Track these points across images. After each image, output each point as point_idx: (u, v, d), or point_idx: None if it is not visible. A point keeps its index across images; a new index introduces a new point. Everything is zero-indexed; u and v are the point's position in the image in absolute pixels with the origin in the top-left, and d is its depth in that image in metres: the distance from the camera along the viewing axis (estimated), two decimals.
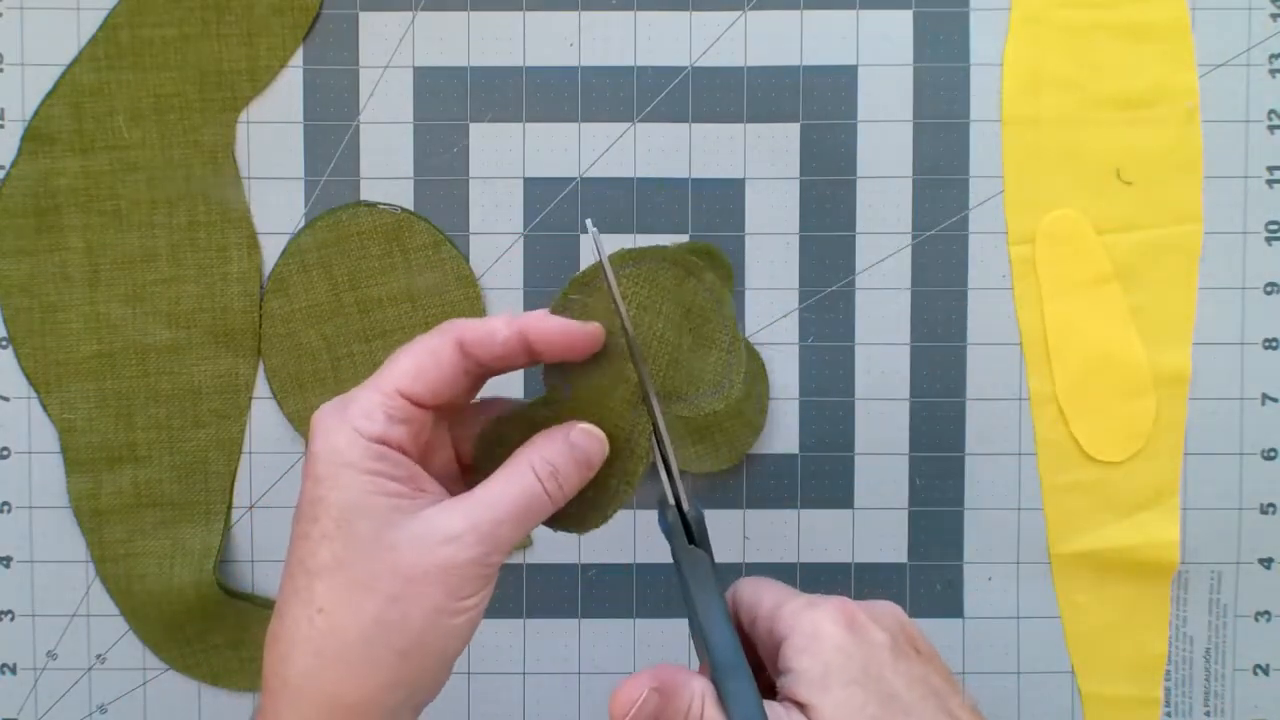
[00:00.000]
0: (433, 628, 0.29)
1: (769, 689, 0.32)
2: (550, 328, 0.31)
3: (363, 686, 0.29)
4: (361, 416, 0.30)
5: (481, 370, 0.32)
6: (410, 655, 0.29)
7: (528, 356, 0.32)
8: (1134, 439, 0.49)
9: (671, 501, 0.34)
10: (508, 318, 0.31)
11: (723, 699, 0.30)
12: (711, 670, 0.31)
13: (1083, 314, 0.49)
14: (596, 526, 0.34)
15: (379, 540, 0.29)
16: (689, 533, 0.34)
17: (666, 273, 0.34)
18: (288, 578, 0.30)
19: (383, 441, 0.30)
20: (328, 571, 0.29)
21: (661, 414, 0.33)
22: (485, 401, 0.35)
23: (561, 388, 0.33)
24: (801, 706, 0.30)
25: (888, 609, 0.33)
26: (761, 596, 0.34)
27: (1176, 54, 0.48)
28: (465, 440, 0.34)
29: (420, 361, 0.31)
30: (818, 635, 0.31)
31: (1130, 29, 0.48)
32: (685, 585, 0.33)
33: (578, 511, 0.33)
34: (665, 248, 0.34)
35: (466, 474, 0.34)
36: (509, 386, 0.49)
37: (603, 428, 0.33)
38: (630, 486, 0.34)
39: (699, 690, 0.30)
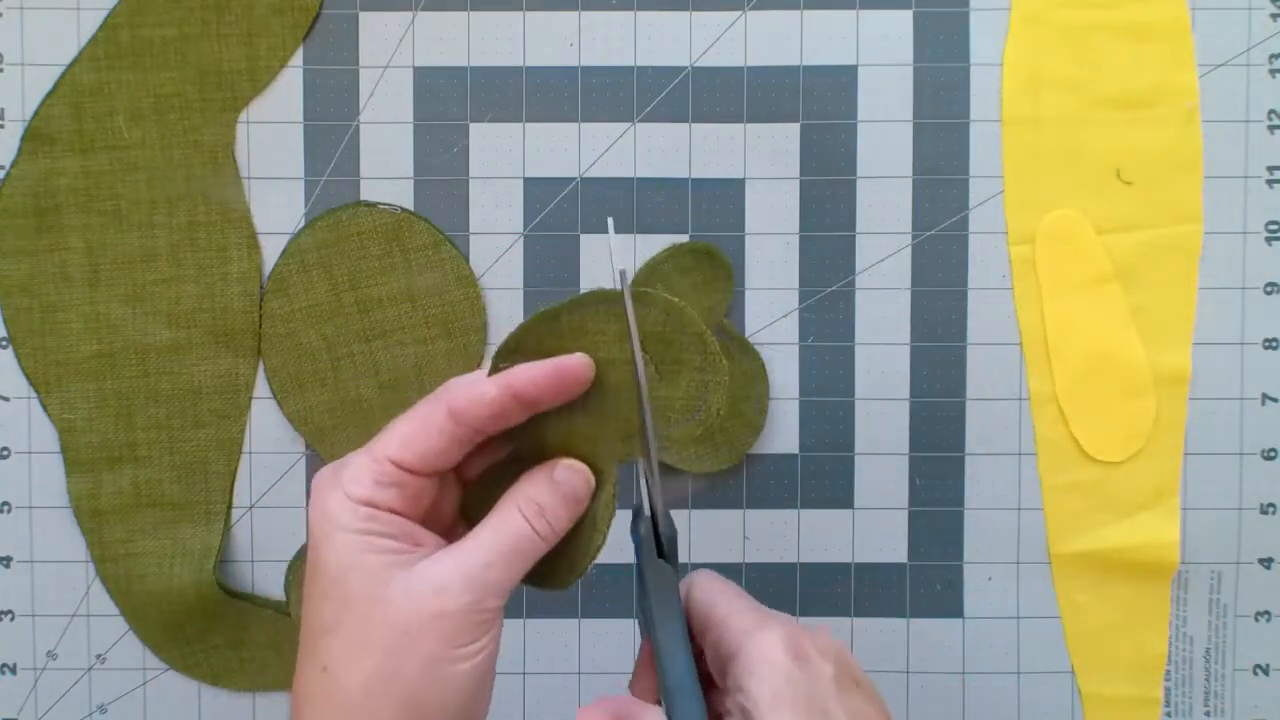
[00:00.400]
0: (431, 677, 0.30)
1: (713, 693, 0.33)
2: (539, 372, 0.32)
3: None
4: (351, 481, 0.31)
5: (476, 434, 0.32)
6: (413, 707, 0.30)
7: (521, 411, 0.32)
8: (1134, 439, 0.49)
9: (647, 513, 0.34)
10: (493, 377, 0.32)
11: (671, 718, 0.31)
12: (663, 686, 0.31)
13: (1083, 314, 0.49)
14: (573, 580, 0.34)
15: (373, 596, 0.30)
16: (659, 546, 0.34)
17: (605, 314, 0.33)
18: (301, 638, 0.31)
19: (370, 504, 0.31)
20: (328, 630, 0.30)
21: (651, 419, 0.33)
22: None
23: (525, 439, 0.34)
24: None
25: (830, 640, 0.33)
26: (716, 602, 0.34)
27: (1176, 54, 0.48)
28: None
29: (412, 431, 0.31)
30: (767, 660, 0.31)
31: (1130, 29, 0.48)
32: (646, 596, 0.33)
33: (553, 566, 0.34)
34: (604, 291, 0.33)
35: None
36: None
37: None
38: (601, 534, 0.34)
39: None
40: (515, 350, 0.33)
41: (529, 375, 0.32)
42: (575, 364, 0.32)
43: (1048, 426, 0.49)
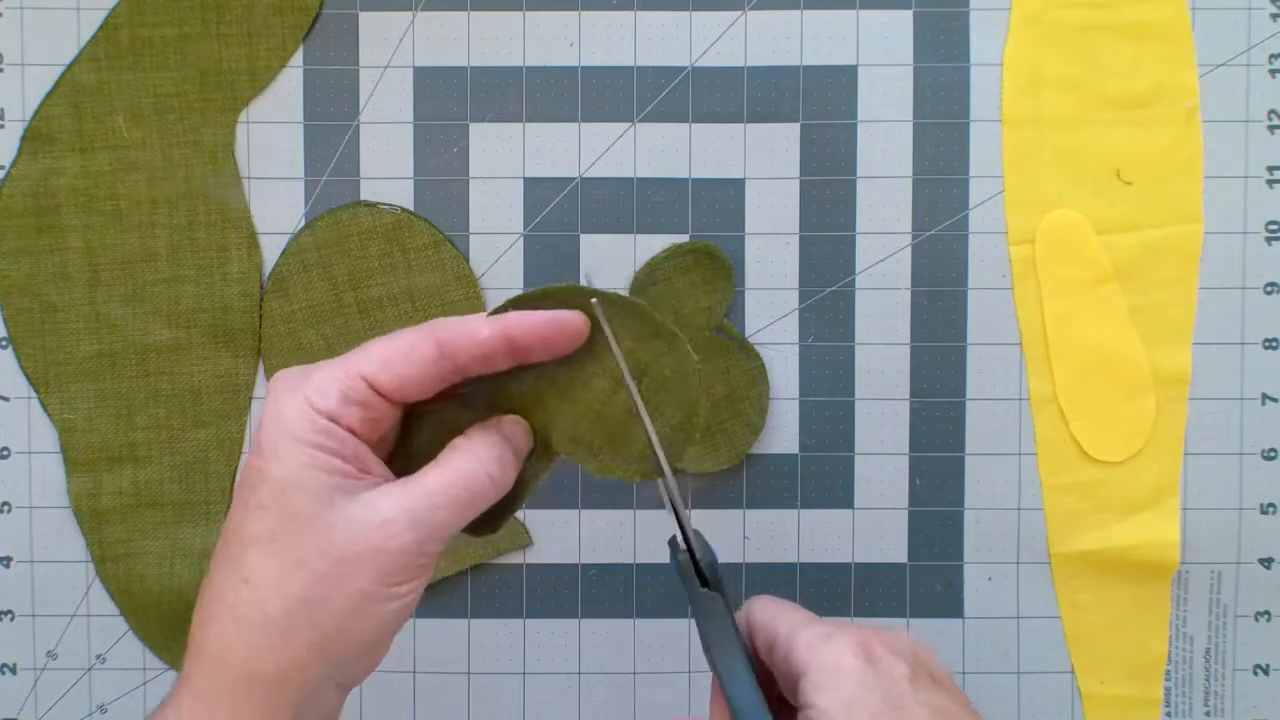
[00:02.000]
0: (359, 611, 0.29)
1: (791, 717, 0.32)
2: (536, 320, 0.31)
3: (279, 661, 0.28)
4: (317, 391, 0.29)
5: (458, 372, 0.31)
6: (333, 637, 0.29)
7: (509, 357, 0.31)
8: (1134, 439, 0.49)
9: (683, 546, 0.34)
10: (489, 317, 0.31)
11: None
12: (733, 716, 0.31)
13: (1083, 314, 0.49)
14: (499, 529, 0.34)
15: (314, 517, 0.28)
16: (701, 576, 0.34)
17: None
18: (221, 543, 0.30)
19: (332, 418, 0.29)
20: (259, 543, 0.29)
21: (666, 458, 0.33)
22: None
23: (477, 394, 0.33)
24: None
25: (902, 638, 0.33)
26: (778, 622, 0.33)
27: (1176, 54, 0.48)
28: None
29: (393, 352, 0.30)
30: (838, 669, 0.30)
31: (1130, 29, 0.48)
32: (703, 632, 0.33)
33: (490, 514, 0.33)
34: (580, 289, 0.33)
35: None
36: None
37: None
38: (521, 500, 0.34)
39: None
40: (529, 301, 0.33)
41: (526, 321, 0.31)
42: (573, 319, 0.31)
43: (1048, 426, 0.49)
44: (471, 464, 0.30)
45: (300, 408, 0.29)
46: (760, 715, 0.30)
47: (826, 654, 0.31)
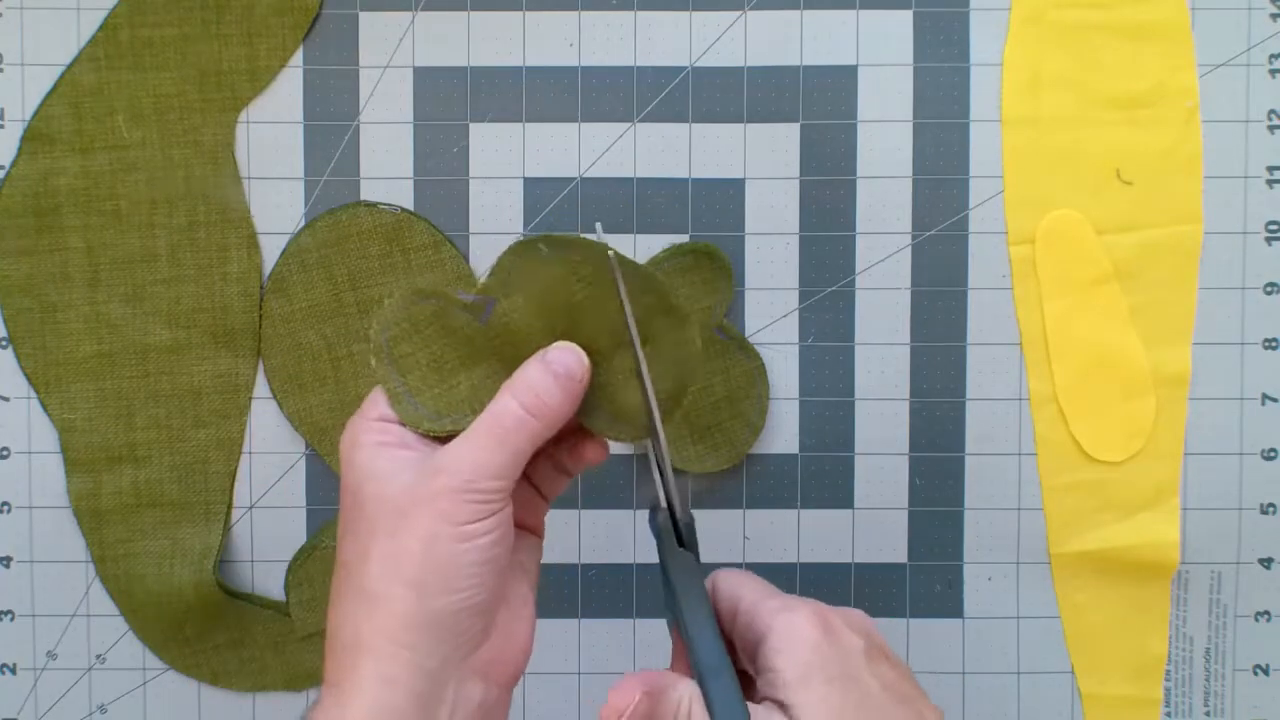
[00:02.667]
0: (432, 555, 0.30)
1: (748, 686, 0.33)
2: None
3: (383, 619, 0.30)
4: (369, 405, 0.33)
5: None
6: (417, 586, 0.30)
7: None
8: (1134, 439, 0.49)
9: (664, 505, 0.35)
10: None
11: (708, 700, 0.31)
12: (696, 671, 0.32)
13: (1083, 314, 0.49)
14: (624, 431, 0.34)
15: (380, 494, 0.31)
16: (679, 535, 0.35)
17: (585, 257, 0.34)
18: (339, 568, 0.33)
19: (384, 419, 0.33)
20: (347, 533, 0.32)
21: (660, 416, 0.33)
22: None
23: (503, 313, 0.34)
24: (782, 706, 0.31)
25: (858, 616, 0.34)
26: (741, 593, 0.34)
27: (1176, 54, 0.48)
28: None
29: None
30: (795, 636, 0.32)
31: (1130, 29, 0.48)
32: (671, 586, 0.34)
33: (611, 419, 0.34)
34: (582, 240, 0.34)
35: None
36: None
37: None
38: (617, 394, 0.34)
39: (686, 693, 0.31)
40: (505, 284, 0.34)
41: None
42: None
43: (1047, 426, 0.49)
44: (503, 400, 0.32)
45: (359, 423, 0.33)
46: (723, 665, 0.31)
47: (787, 622, 0.32)
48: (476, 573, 0.31)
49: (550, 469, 0.37)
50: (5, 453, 0.49)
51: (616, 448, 0.49)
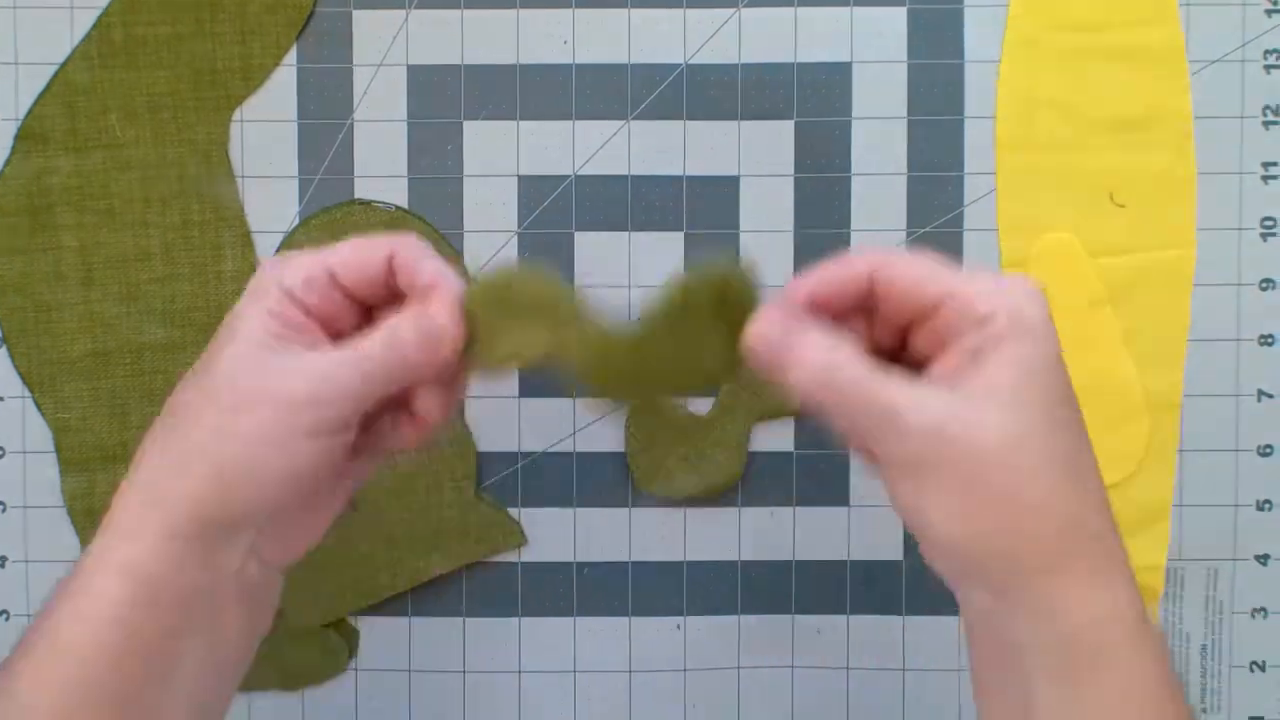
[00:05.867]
0: (253, 454, 0.30)
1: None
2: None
3: (184, 484, 0.30)
4: (290, 271, 0.32)
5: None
6: (228, 474, 0.30)
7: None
8: (1126, 462, 0.49)
9: None
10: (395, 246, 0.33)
11: None
12: None
13: (1076, 337, 0.48)
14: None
15: (240, 362, 0.31)
16: None
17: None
18: (166, 409, 0.32)
19: (290, 294, 0.32)
20: (194, 376, 0.32)
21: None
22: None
23: None
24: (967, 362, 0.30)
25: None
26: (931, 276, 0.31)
27: (1170, 78, 0.48)
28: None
29: (357, 254, 0.33)
30: (1016, 289, 0.30)
31: (1124, 52, 0.48)
32: None
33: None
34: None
35: None
36: None
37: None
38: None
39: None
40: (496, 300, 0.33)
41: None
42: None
43: None
44: (375, 335, 0.32)
45: (271, 281, 0.32)
46: None
47: (999, 280, 0.31)
48: (285, 482, 0.31)
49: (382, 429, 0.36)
50: (0, 452, 0.49)
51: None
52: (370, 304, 0.34)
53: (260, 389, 0.30)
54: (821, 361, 0.30)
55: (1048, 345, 0.30)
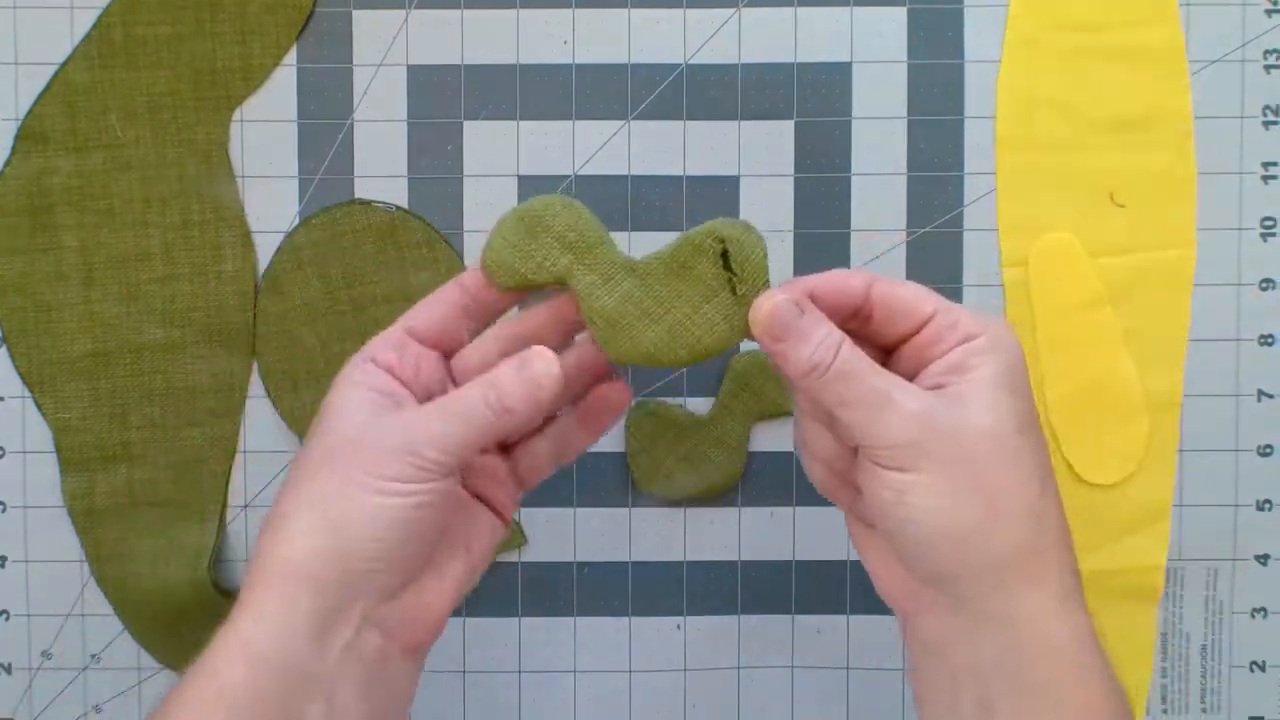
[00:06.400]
0: (358, 503, 0.31)
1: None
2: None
3: (297, 549, 0.31)
4: (368, 345, 0.35)
5: (481, 308, 0.35)
6: (338, 528, 0.31)
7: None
8: (1126, 462, 0.49)
9: None
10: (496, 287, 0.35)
11: None
12: None
13: (1076, 337, 0.48)
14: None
15: (337, 426, 0.32)
16: None
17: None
18: (285, 486, 0.33)
19: (372, 360, 0.34)
20: (300, 454, 0.33)
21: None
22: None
23: None
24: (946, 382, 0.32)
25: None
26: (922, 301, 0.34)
27: (1170, 77, 0.48)
28: (464, 376, 0.36)
29: (427, 301, 0.35)
30: (1001, 338, 0.32)
31: (1124, 52, 0.48)
32: None
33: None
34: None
35: None
36: None
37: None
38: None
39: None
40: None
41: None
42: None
43: None
44: (471, 389, 0.33)
45: (353, 360, 0.34)
46: None
47: (994, 323, 0.33)
48: (394, 529, 0.31)
49: (535, 456, 0.37)
50: (0, 452, 0.49)
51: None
52: (451, 350, 0.36)
53: (358, 444, 0.32)
54: (833, 342, 0.32)
55: (1021, 369, 0.33)
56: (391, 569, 0.32)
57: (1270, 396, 0.49)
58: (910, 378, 0.32)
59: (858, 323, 0.34)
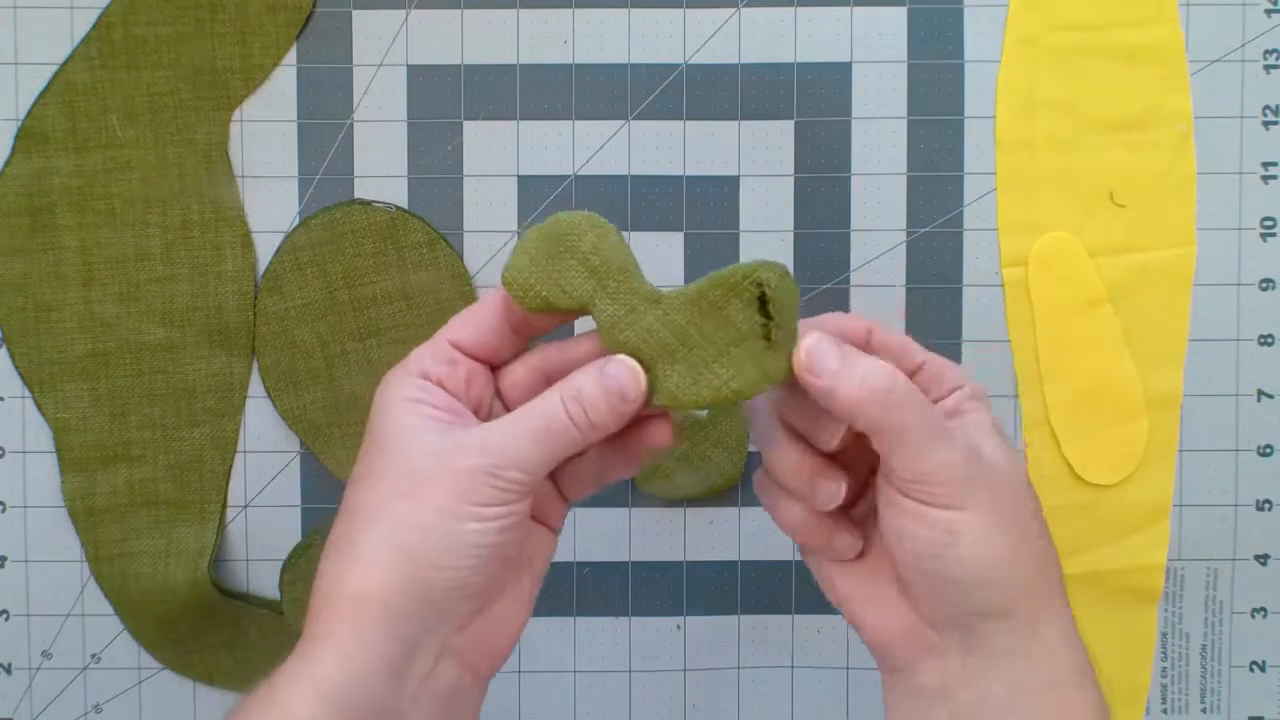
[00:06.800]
0: (441, 530, 0.30)
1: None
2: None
3: (372, 580, 0.30)
4: (413, 360, 0.33)
5: (527, 327, 0.34)
6: (419, 557, 0.30)
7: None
8: (1126, 462, 0.49)
9: None
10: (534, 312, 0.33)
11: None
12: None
13: (1076, 337, 0.48)
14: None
15: (404, 448, 0.31)
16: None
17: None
18: (342, 515, 0.32)
19: (424, 375, 0.32)
20: (361, 480, 0.32)
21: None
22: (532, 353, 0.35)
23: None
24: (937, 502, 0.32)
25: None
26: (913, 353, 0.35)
27: (1170, 77, 0.48)
28: (511, 391, 0.35)
29: (468, 312, 0.34)
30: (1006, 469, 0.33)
31: (1124, 52, 0.48)
32: None
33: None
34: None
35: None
36: None
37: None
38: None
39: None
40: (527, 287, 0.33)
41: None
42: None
43: (1039, 449, 0.49)
44: (551, 401, 0.32)
45: (399, 376, 0.33)
46: None
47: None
48: (477, 555, 0.30)
49: (580, 475, 0.36)
50: (0, 452, 0.49)
51: None
52: (496, 364, 0.35)
53: (435, 468, 0.30)
54: (886, 369, 0.31)
55: (992, 418, 0.34)
56: (471, 597, 0.31)
57: (1270, 396, 0.49)
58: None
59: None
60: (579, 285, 0.33)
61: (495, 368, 0.34)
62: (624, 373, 0.32)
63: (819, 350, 0.31)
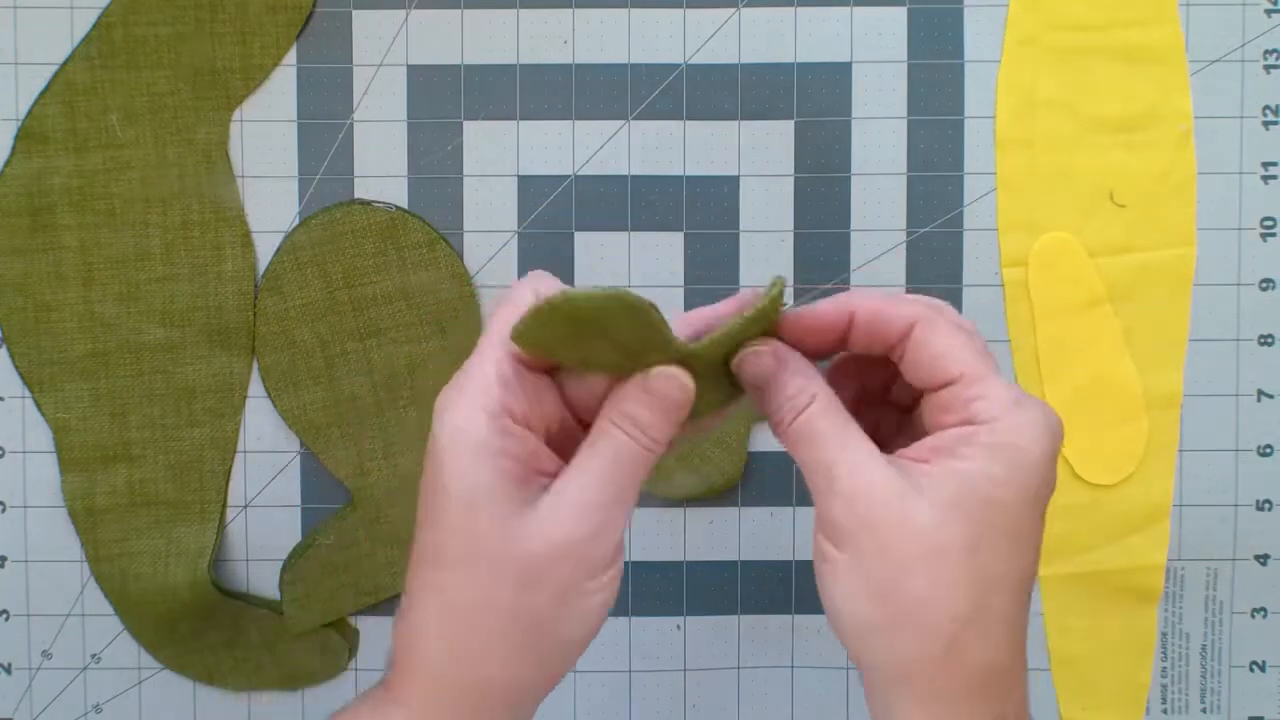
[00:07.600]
0: (564, 609, 0.29)
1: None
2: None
3: (500, 672, 0.29)
4: (479, 390, 0.29)
5: None
6: (544, 639, 0.29)
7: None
8: (1126, 462, 0.49)
9: None
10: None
11: None
12: None
13: (1076, 337, 0.48)
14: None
15: (504, 533, 0.29)
16: None
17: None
18: (416, 566, 0.30)
19: (506, 410, 0.29)
20: (458, 565, 0.29)
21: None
22: None
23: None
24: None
25: None
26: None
27: (1170, 77, 0.48)
28: (579, 400, 0.32)
29: (512, 309, 0.30)
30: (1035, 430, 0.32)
31: (1124, 52, 0.48)
32: None
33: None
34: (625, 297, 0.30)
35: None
36: None
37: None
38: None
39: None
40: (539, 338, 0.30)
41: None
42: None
43: None
44: (615, 436, 0.30)
45: (471, 411, 0.29)
46: None
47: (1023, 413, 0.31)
48: (600, 615, 0.30)
49: None
50: (0, 452, 0.49)
51: None
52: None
53: (551, 550, 0.29)
54: (799, 403, 0.30)
55: (1024, 478, 0.32)
56: (584, 645, 0.31)
57: (1270, 396, 0.49)
58: (920, 437, 0.31)
59: (888, 374, 0.33)
60: (606, 358, 0.30)
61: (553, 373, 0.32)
62: (669, 385, 0.30)
63: (749, 365, 0.31)
